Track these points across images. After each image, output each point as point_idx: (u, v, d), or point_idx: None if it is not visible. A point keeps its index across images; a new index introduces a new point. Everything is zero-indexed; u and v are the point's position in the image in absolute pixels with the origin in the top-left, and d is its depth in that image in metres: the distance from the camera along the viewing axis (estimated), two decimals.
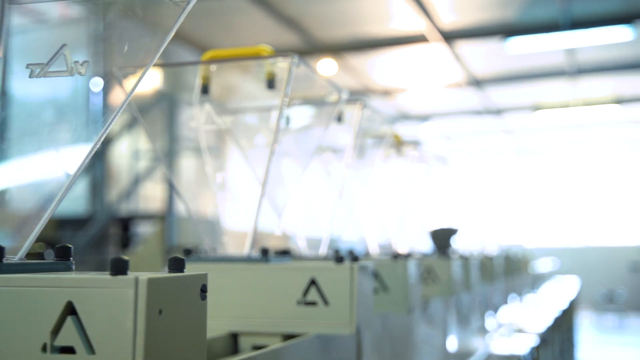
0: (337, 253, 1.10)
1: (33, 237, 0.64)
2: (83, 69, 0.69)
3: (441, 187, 2.70)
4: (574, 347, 5.15)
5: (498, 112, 9.51)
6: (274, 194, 1.25)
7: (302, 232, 1.53)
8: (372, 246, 1.81)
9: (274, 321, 1.03)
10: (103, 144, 4.66)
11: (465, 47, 6.78)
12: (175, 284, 0.58)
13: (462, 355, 2.14)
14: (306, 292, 1.02)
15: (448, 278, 1.86)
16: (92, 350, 0.55)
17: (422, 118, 9.74)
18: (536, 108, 8.95)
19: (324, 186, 1.63)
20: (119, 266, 0.56)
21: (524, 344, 2.48)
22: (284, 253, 1.13)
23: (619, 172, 12.20)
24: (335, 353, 1.09)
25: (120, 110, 0.68)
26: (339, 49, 6.81)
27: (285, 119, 1.36)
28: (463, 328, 2.25)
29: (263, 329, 1.03)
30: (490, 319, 2.86)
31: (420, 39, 6.44)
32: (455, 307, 2.14)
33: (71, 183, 0.65)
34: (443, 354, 1.93)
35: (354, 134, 1.42)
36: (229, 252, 1.17)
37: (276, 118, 1.05)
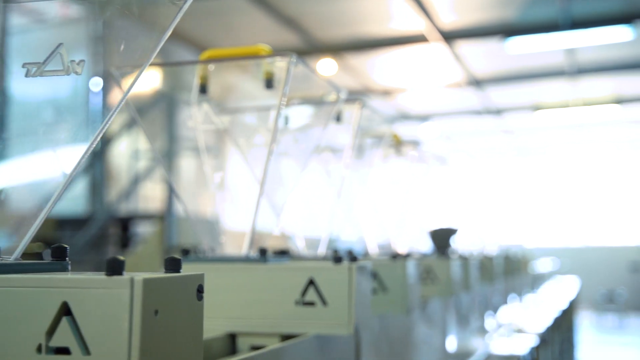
0: (336, 253, 1.09)
1: (29, 238, 0.64)
2: (79, 68, 0.69)
3: (440, 187, 2.69)
4: (574, 347, 5.15)
5: (498, 112, 9.50)
6: (273, 194, 1.25)
7: (301, 232, 1.52)
8: (371, 246, 1.81)
9: (272, 321, 1.02)
10: (102, 144, 4.66)
11: (465, 47, 6.78)
12: (171, 285, 0.58)
13: (462, 355, 2.14)
14: (304, 292, 1.02)
15: (447, 278, 1.86)
16: (88, 351, 0.55)
17: (422, 118, 9.74)
18: (536, 108, 8.95)
19: (323, 186, 1.63)
20: (115, 266, 0.55)
21: (524, 344, 2.48)
22: (282, 253, 1.13)
23: (619, 172, 12.20)
24: (333, 353, 1.09)
25: (116, 109, 0.67)
26: (339, 49, 6.80)
27: (284, 119, 1.36)
28: (462, 328, 2.25)
29: (261, 330, 1.03)
30: (489, 319, 2.85)
31: (420, 39, 6.44)
32: (454, 308, 2.13)
33: (67, 183, 0.65)
34: (442, 355, 1.93)
35: (353, 134, 1.41)
36: (228, 252, 1.17)
37: (274, 118, 1.05)
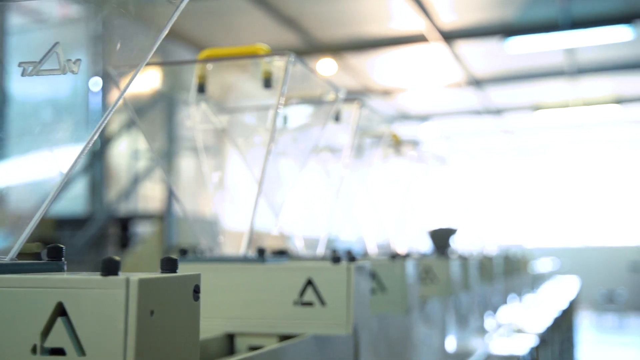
0: (335, 253, 1.09)
1: (24, 238, 0.63)
2: (76, 67, 0.68)
3: (440, 187, 2.69)
4: (574, 348, 5.14)
5: (498, 112, 9.50)
6: (272, 194, 1.24)
7: (300, 232, 1.52)
8: (371, 246, 1.81)
9: (270, 322, 1.02)
10: (102, 144, 4.65)
11: (465, 47, 6.78)
12: (167, 285, 0.58)
13: (461, 355, 2.13)
14: (303, 293, 1.01)
15: (447, 278, 1.85)
16: (83, 351, 0.54)
17: (422, 118, 9.74)
18: (536, 108, 8.95)
19: (322, 186, 1.63)
20: (110, 266, 0.55)
21: (524, 344, 2.48)
22: (281, 253, 1.13)
23: (619, 172, 12.19)
24: (332, 354, 1.08)
25: (112, 109, 0.67)
26: (339, 49, 6.80)
27: (282, 119, 1.36)
28: (462, 328, 2.25)
29: (259, 330, 1.02)
30: (489, 319, 2.85)
31: (420, 39, 6.44)
32: (454, 308, 2.13)
33: (63, 183, 0.65)
34: (442, 355, 1.93)
35: (352, 134, 1.41)
36: (226, 252, 1.17)
37: (272, 117, 1.04)
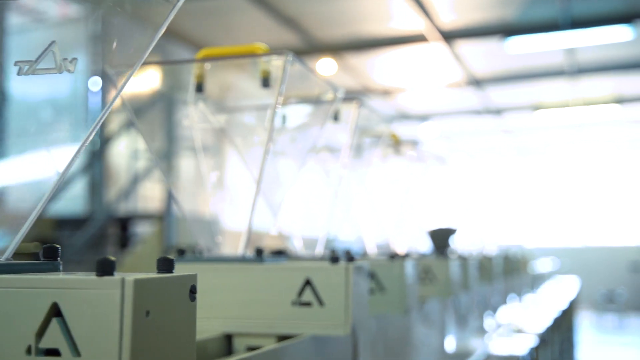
0: (333, 253, 1.09)
1: (20, 237, 0.63)
2: (72, 66, 0.68)
3: (439, 187, 2.68)
4: (574, 348, 5.14)
5: (498, 112, 9.50)
6: (271, 194, 1.24)
7: (299, 232, 1.52)
8: (370, 246, 1.80)
9: (269, 322, 1.01)
10: (102, 144, 4.64)
11: (464, 47, 6.77)
12: (163, 285, 0.57)
13: (461, 356, 2.13)
14: (301, 293, 1.01)
15: (446, 278, 1.85)
16: (78, 352, 0.54)
17: (422, 118, 9.73)
18: (536, 108, 8.94)
19: (321, 186, 1.62)
20: (105, 267, 0.54)
21: (523, 345, 2.47)
22: (279, 253, 1.12)
23: (619, 172, 12.19)
24: (330, 354, 1.08)
25: (108, 108, 0.67)
26: (339, 49, 6.80)
27: (281, 118, 1.35)
28: (461, 328, 2.24)
29: (257, 330, 1.02)
30: (489, 320, 2.84)
31: (419, 39, 6.43)
32: (453, 308, 2.13)
33: (59, 183, 0.64)
34: (441, 355, 1.92)
35: (351, 133, 1.41)
36: (225, 252, 1.16)
37: (270, 117, 1.04)
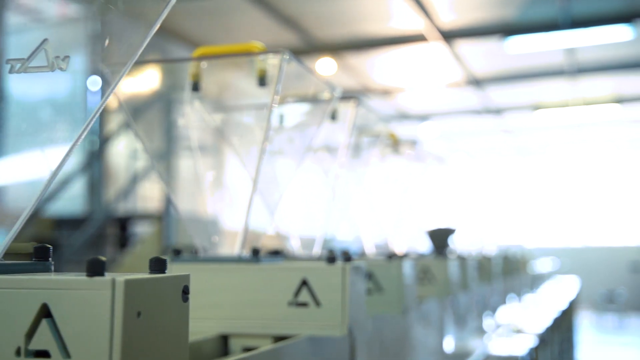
0: (331, 253, 1.08)
1: (10, 237, 0.62)
2: (64, 64, 0.67)
3: (438, 187, 2.68)
4: (574, 348, 5.13)
5: (498, 112, 9.49)
6: (268, 193, 1.23)
7: (297, 232, 1.51)
8: (368, 246, 1.79)
9: (265, 322, 1.01)
10: (101, 144, 4.61)
11: (464, 47, 6.77)
12: (155, 286, 0.56)
13: (459, 356, 2.12)
14: (297, 293, 1.00)
15: (445, 278, 1.84)
16: (68, 354, 0.53)
17: (422, 118, 9.72)
18: (536, 107, 8.93)
19: (319, 185, 1.61)
20: (96, 267, 0.54)
21: (523, 345, 2.46)
22: (276, 253, 1.12)
23: (619, 172, 12.18)
24: (327, 355, 1.07)
25: (100, 107, 0.66)
26: (338, 49, 6.79)
27: (279, 117, 1.35)
28: (460, 329, 2.23)
29: (253, 331, 1.01)
30: (488, 320, 2.84)
31: (419, 39, 6.42)
32: (452, 308, 2.12)
33: (50, 182, 0.63)
34: (440, 355, 1.91)
35: (348, 132, 1.40)
36: (221, 252, 1.16)
37: (267, 116, 1.03)
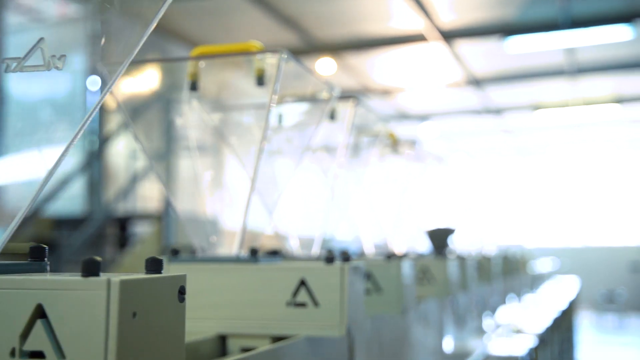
0: (329, 253, 1.07)
1: (6, 237, 0.62)
2: (60, 64, 0.67)
3: (438, 186, 2.67)
4: (574, 348, 5.12)
5: (498, 112, 9.48)
6: (267, 193, 1.23)
7: (295, 232, 1.50)
8: (368, 246, 1.79)
9: (263, 323, 1.00)
10: (100, 144, 4.60)
11: (464, 47, 6.76)
12: (151, 286, 0.56)
13: (459, 356, 2.12)
14: (296, 293, 1.00)
15: (444, 278, 1.84)
16: (63, 354, 0.53)
17: (422, 117, 9.72)
18: (536, 107, 8.93)
19: (318, 185, 1.61)
20: (91, 267, 0.53)
21: (523, 345, 2.46)
22: (274, 253, 1.11)
23: (619, 172, 12.17)
24: (325, 355, 1.07)
25: (97, 106, 0.66)
26: (338, 48, 6.78)
27: (277, 117, 1.34)
28: (460, 329, 2.23)
29: (252, 331, 1.01)
30: (487, 320, 2.83)
31: (419, 38, 6.42)
32: (451, 308, 2.12)
33: (45, 182, 0.63)
34: (439, 356, 1.91)
35: (347, 132, 1.39)
36: (220, 252, 1.15)
37: (265, 115, 1.03)
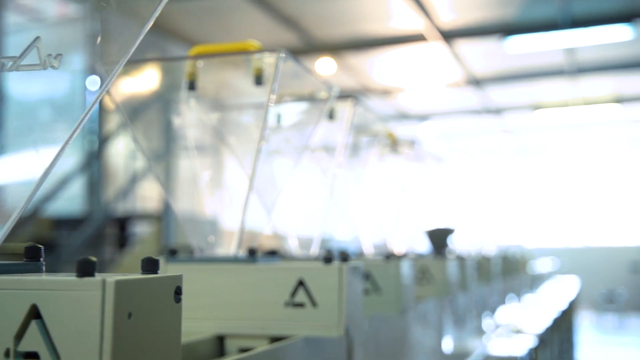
0: (327, 253, 1.07)
1: (1, 237, 0.62)
2: (56, 63, 0.66)
3: (437, 186, 2.67)
4: (574, 348, 5.12)
5: (497, 112, 9.48)
6: (265, 193, 1.22)
7: (294, 232, 1.50)
8: (367, 246, 1.79)
9: (261, 323, 1.00)
10: (100, 144, 4.59)
11: (464, 46, 6.76)
12: (146, 286, 0.56)
13: (458, 356, 2.12)
14: (294, 293, 1.00)
15: (443, 278, 1.84)
16: (57, 355, 0.52)
17: (422, 117, 9.71)
18: (536, 107, 8.92)
19: (317, 185, 1.61)
20: (86, 267, 0.53)
21: (522, 345, 2.46)
22: (272, 253, 1.11)
23: (619, 172, 12.17)
24: (324, 356, 1.06)
25: (92, 106, 0.65)
26: (338, 48, 6.78)
27: (276, 117, 1.34)
28: (459, 329, 2.23)
29: (250, 331, 1.00)
30: (487, 320, 2.83)
31: (419, 38, 6.41)
32: (451, 308, 2.11)
33: (41, 182, 0.63)
34: (438, 356, 1.91)
35: (346, 131, 1.39)
36: (218, 252, 1.15)
37: (263, 115, 1.02)
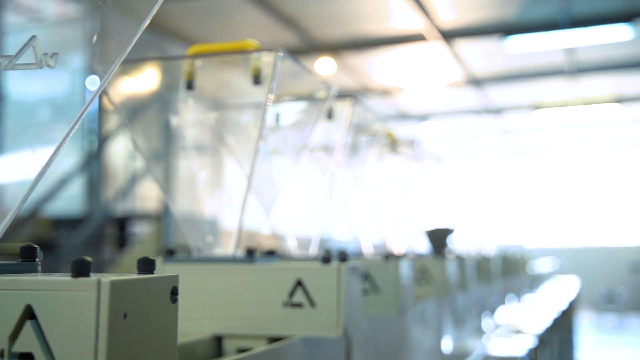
0: (326, 253, 1.07)
1: None
2: (52, 62, 0.66)
3: (437, 186, 2.67)
4: (574, 348, 5.12)
5: (497, 112, 9.47)
6: (264, 192, 1.22)
7: (293, 232, 1.50)
8: (366, 246, 1.78)
9: (259, 323, 1.00)
10: (99, 143, 4.59)
11: (464, 46, 6.75)
12: (142, 287, 0.55)
13: (458, 357, 2.11)
14: (292, 294, 0.99)
15: (443, 278, 1.83)
16: (52, 356, 0.52)
17: (422, 117, 9.71)
18: (536, 107, 8.92)
19: (316, 185, 1.60)
20: (81, 268, 0.53)
21: (522, 345, 2.45)
22: (270, 253, 1.10)
23: (619, 172, 12.17)
24: (322, 356, 1.06)
25: (88, 105, 0.65)
26: (338, 48, 6.78)
27: (275, 116, 1.34)
28: (459, 329, 2.22)
29: (248, 332, 1.00)
30: (487, 320, 2.82)
31: (419, 38, 6.41)
32: (450, 308, 2.11)
33: (36, 182, 0.62)
34: (438, 356, 1.90)
35: (345, 131, 1.39)
36: (216, 252, 1.15)
37: (261, 114, 1.02)
